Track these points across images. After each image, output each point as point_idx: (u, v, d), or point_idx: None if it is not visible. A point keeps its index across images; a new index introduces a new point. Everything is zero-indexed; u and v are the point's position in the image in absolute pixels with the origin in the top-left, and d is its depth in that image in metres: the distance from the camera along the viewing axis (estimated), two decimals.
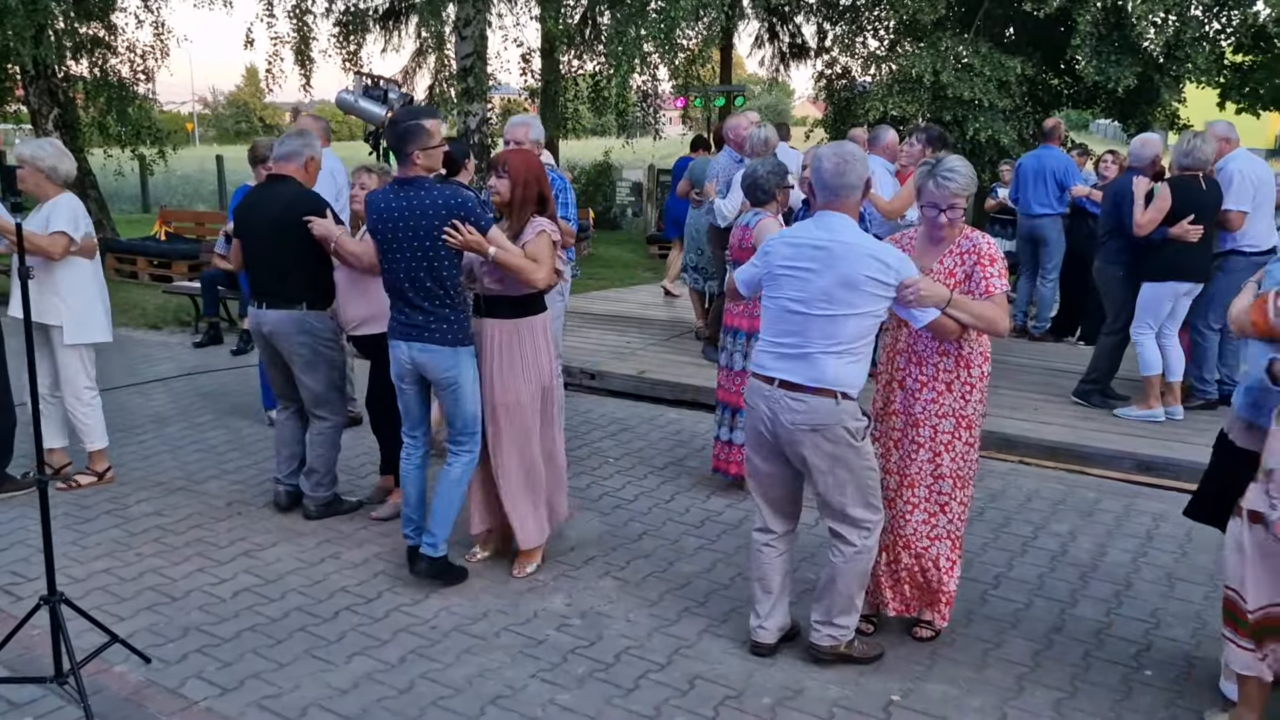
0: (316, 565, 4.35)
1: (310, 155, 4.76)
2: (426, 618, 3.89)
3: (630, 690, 3.41)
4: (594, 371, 7.42)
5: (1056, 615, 3.97)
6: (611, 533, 4.75)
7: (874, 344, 3.36)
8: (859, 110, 14.67)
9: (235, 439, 6.06)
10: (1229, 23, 13.68)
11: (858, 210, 3.39)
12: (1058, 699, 3.37)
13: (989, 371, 3.57)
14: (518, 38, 32.68)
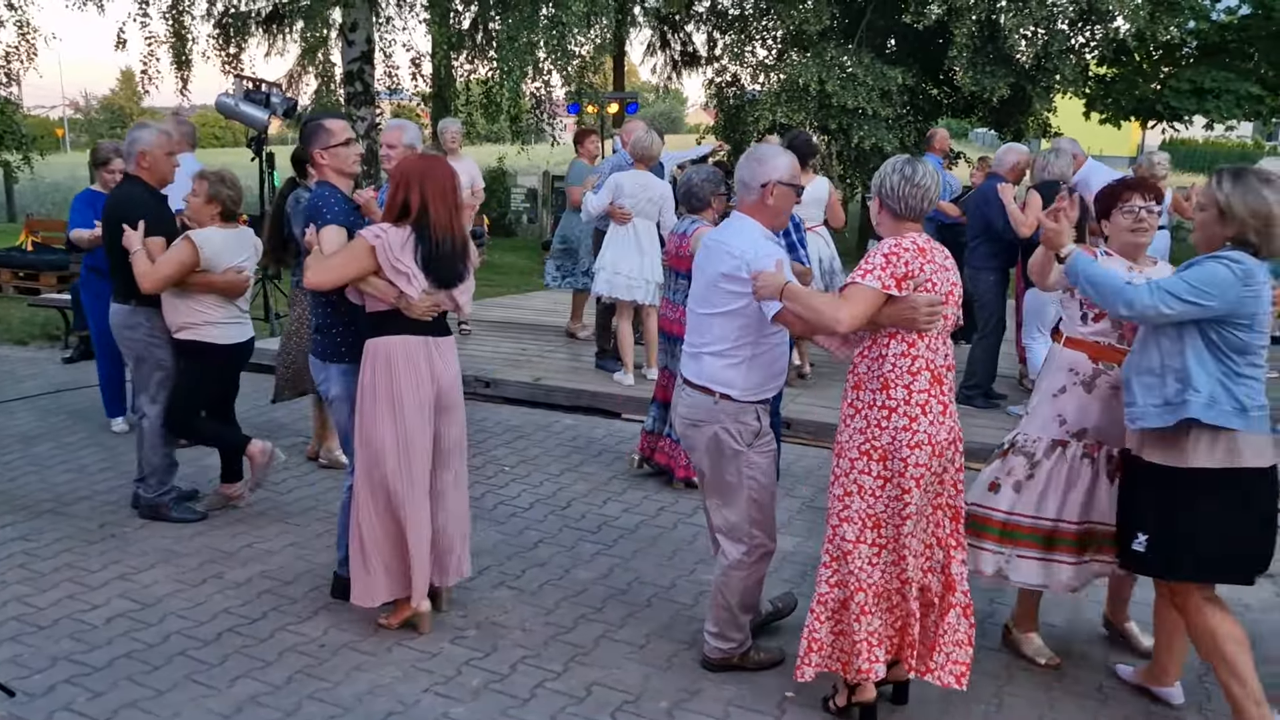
0: (197, 587, 4.17)
1: (141, 150, 4.70)
2: (314, 636, 3.77)
3: (526, 700, 3.37)
4: (489, 379, 7.34)
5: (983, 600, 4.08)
6: (507, 542, 4.70)
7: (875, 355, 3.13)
8: (749, 118, 14.93)
9: (109, 458, 5.78)
10: (1093, 37, 14.41)
11: (762, 209, 3.32)
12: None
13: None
14: (407, 42, 32.18)
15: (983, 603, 4.07)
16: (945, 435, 3.06)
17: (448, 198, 3.61)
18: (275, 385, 5.65)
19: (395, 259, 3.53)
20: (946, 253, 3.16)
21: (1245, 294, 2.91)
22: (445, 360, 3.72)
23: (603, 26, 14.20)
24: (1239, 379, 2.97)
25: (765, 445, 3.40)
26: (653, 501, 5.26)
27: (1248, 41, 15.26)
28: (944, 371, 3.10)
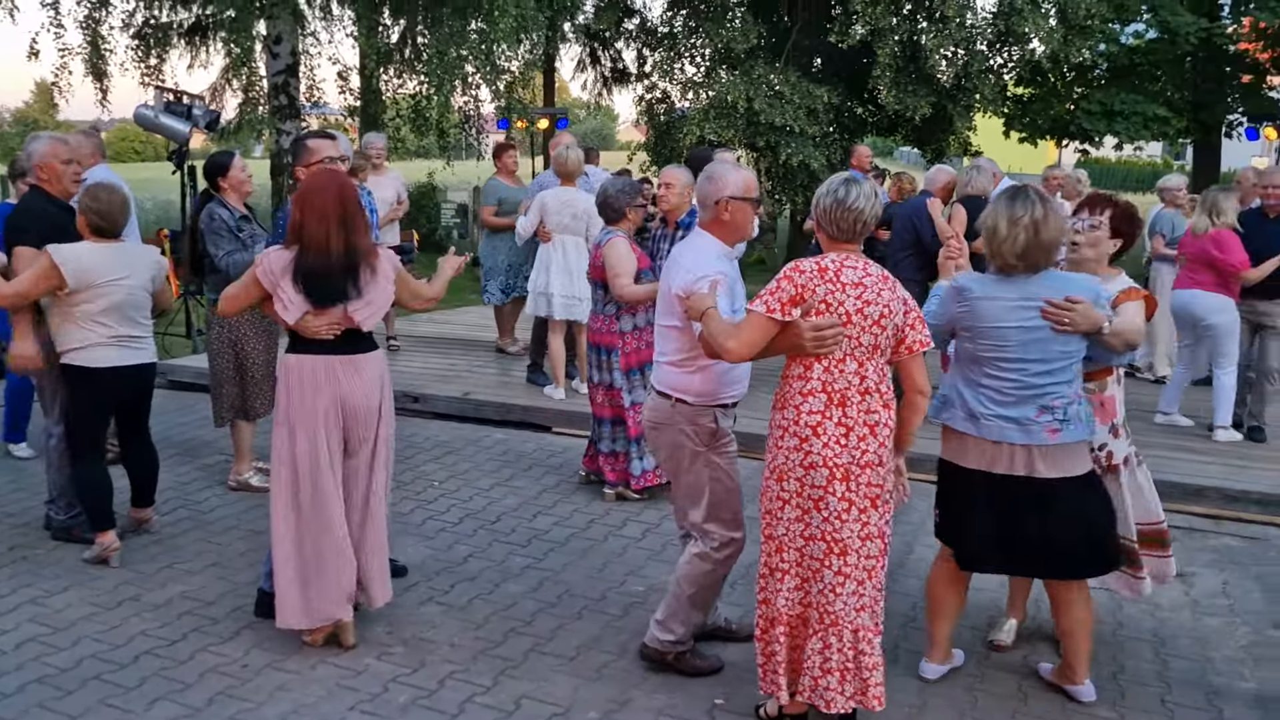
0: (113, 610, 4.05)
1: (36, 161, 4.59)
2: (236, 656, 3.69)
3: (455, 715, 3.34)
4: (417, 395, 7.27)
5: None
6: (435, 557, 4.65)
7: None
8: (679, 134, 15.07)
9: (18, 478, 5.59)
10: (1010, 58, 14.88)
11: (719, 225, 3.40)
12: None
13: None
14: (333, 55, 31.81)
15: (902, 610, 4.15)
16: (849, 459, 3.00)
17: (327, 214, 3.52)
18: (215, 409, 5.46)
19: (275, 283, 3.55)
20: (869, 274, 3.03)
21: (957, 310, 3.24)
22: (355, 378, 3.64)
23: (533, 42, 14.22)
24: (978, 388, 3.25)
25: (724, 446, 3.48)
26: (583, 514, 5.26)
27: (1154, 65, 15.91)
28: (852, 394, 3.00)
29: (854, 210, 3.02)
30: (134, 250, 4.56)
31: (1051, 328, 3.17)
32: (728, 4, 16.07)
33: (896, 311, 3.03)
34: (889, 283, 3.06)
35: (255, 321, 5.20)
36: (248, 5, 12.34)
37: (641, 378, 5.30)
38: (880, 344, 3.03)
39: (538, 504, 5.40)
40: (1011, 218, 3.18)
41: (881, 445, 3.06)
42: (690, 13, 16.21)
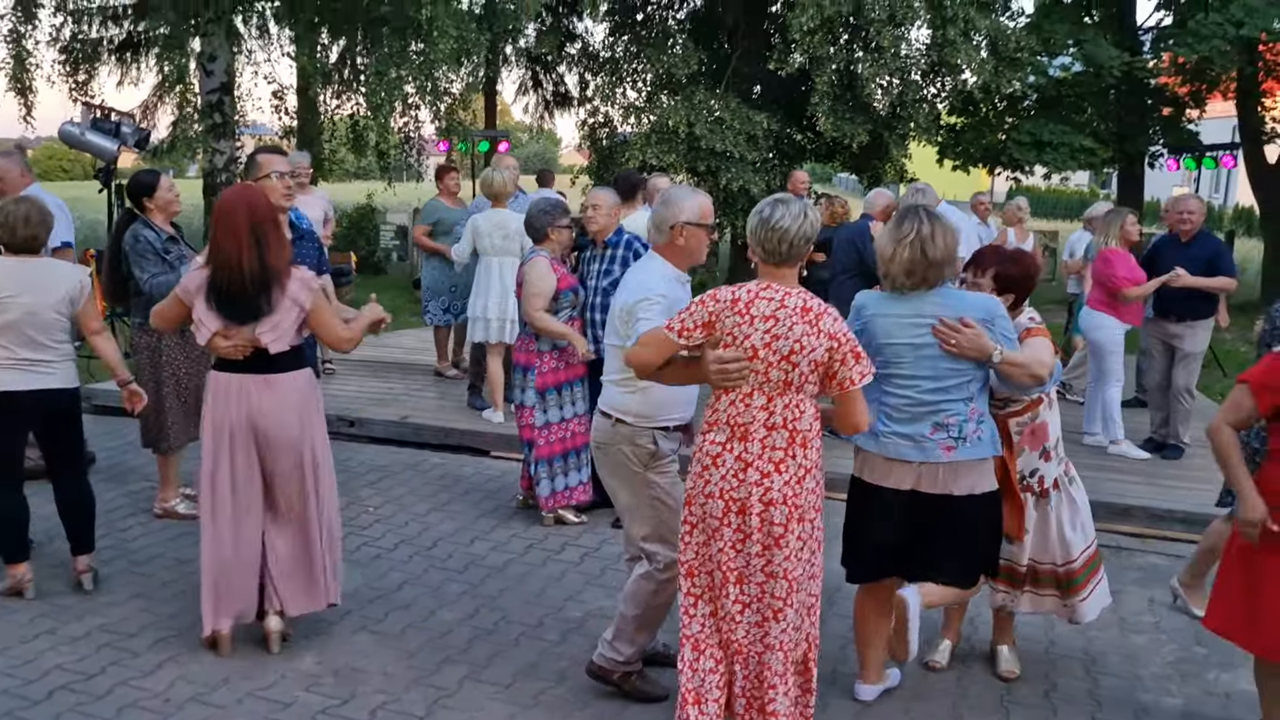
0: (29, 643, 3.89)
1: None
2: (159, 690, 3.57)
3: None
4: (353, 419, 7.14)
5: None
6: (369, 585, 4.56)
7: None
8: (621, 158, 15.13)
9: None
10: (943, 88, 15.23)
11: (672, 249, 3.41)
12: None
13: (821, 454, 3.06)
14: (269, 74, 31.41)
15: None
16: (746, 494, 2.93)
17: (239, 232, 3.51)
18: (143, 433, 5.28)
19: (191, 302, 3.64)
20: (784, 307, 2.90)
21: (855, 327, 3.27)
22: (266, 397, 3.66)
23: (473, 64, 14.20)
24: (879, 405, 3.30)
25: (664, 466, 3.48)
26: (521, 539, 5.20)
27: (1080, 97, 16.39)
28: (756, 429, 2.93)
29: (778, 229, 2.94)
30: (40, 267, 4.19)
31: (940, 346, 3.21)
32: (669, 30, 16.24)
33: (814, 347, 2.87)
34: (808, 316, 2.89)
35: (183, 346, 5.07)
36: (182, 22, 12.14)
37: (557, 398, 5.29)
38: (793, 380, 2.90)
39: (475, 529, 5.33)
40: (897, 236, 3.24)
41: (791, 484, 2.92)
42: (632, 39, 16.33)
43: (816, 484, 3.02)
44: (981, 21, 13.62)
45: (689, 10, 17.33)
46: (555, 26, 17.26)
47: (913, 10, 13.34)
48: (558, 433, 5.30)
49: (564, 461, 5.35)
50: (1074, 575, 3.70)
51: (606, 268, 5.25)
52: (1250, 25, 13.70)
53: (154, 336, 5.02)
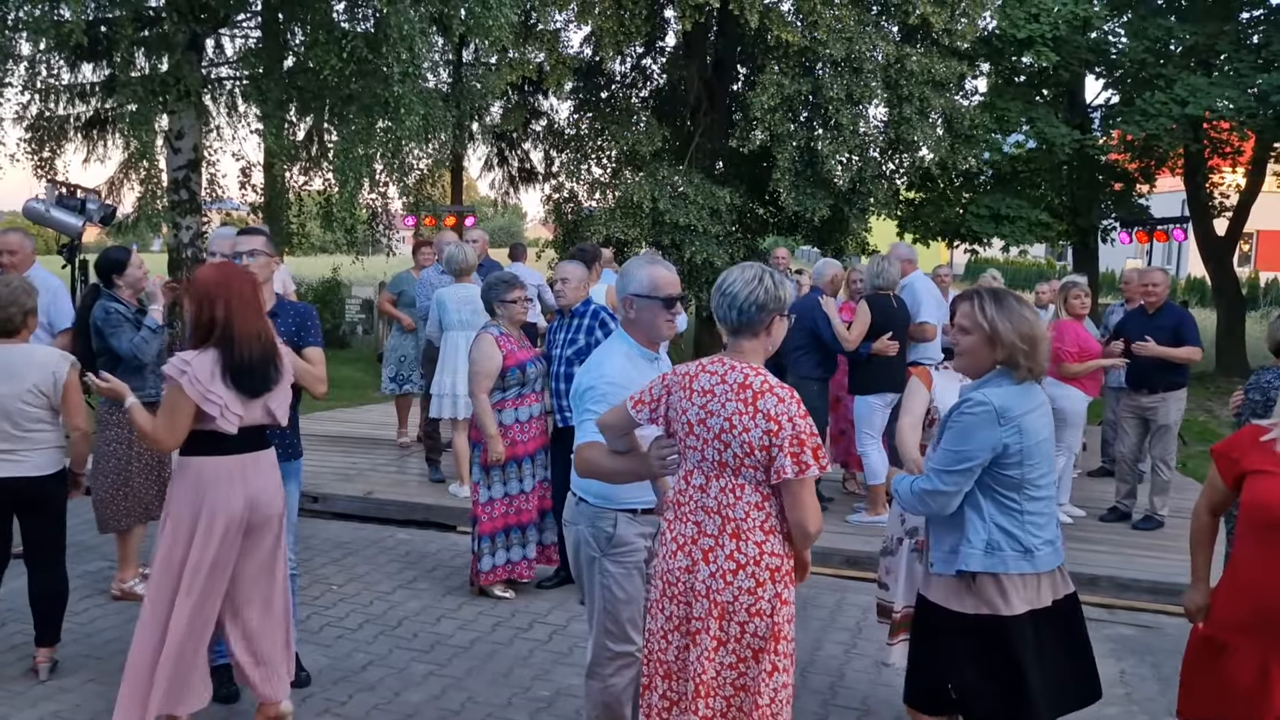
0: None
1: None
2: None
3: None
4: (316, 494, 7.05)
5: None
6: (333, 666, 4.46)
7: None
8: (586, 232, 15.30)
9: None
10: (901, 164, 15.64)
11: (628, 323, 3.32)
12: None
13: (778, 552, 2.72)
14: (237, 151, 31.58)
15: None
16: (675, 579, 2.75)
17: (250, 305, 3.51)
18: (99, 515, 5.17)
19: (205, 391, 3.40)
20: (724, 383, 2.72)
21: (1005, 434, 2.76)
22: (259, 477, 3.56)
23: (440, 141, 14.37)
24: (1023, 516, 2.83)
25: (623, 555, 3.26)
26: (489, 617, 5.12)
27: (1035, 173, 16.89)
28: (689, 511, 2.77)
29: (727, 294, 2.75)
30: (10, 354, 4.06)
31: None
32: (632, 108, 16.58)
33: (748, 428, 2.64)
34: (744, 394, 2.67)
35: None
36: (150, 99, 12.21)
37: (501, 474, 5.29)
38: (728, 462, 2.68)
39: (441, 607, 5.24)
40: (1037, 322, 2.90)
41: (716, 577, 2.68)
42: (596, 115, 16.64)
43: (756, 583, 2.67)
44: (936, 100, 14.06)
45: (652, 88, 17.74)
46: (520, 104, 17.58)
47: (870, 89, 13.74)
48: (500, 508, 5.30)
49: (506, 537, 5.34)
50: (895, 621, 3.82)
51: (571, 337, 5.29)
52: (1195, 104, 14.25)
53: (121, 413, 4.97)
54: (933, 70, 13.81)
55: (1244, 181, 17.47)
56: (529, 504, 5.33)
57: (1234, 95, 14.39)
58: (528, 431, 5.31)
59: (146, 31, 12.76)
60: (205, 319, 3.43)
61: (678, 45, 16.90)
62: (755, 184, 15.63)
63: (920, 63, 13.77)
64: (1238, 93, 14.44)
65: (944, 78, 14.01)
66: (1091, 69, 17.03)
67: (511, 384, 5.25)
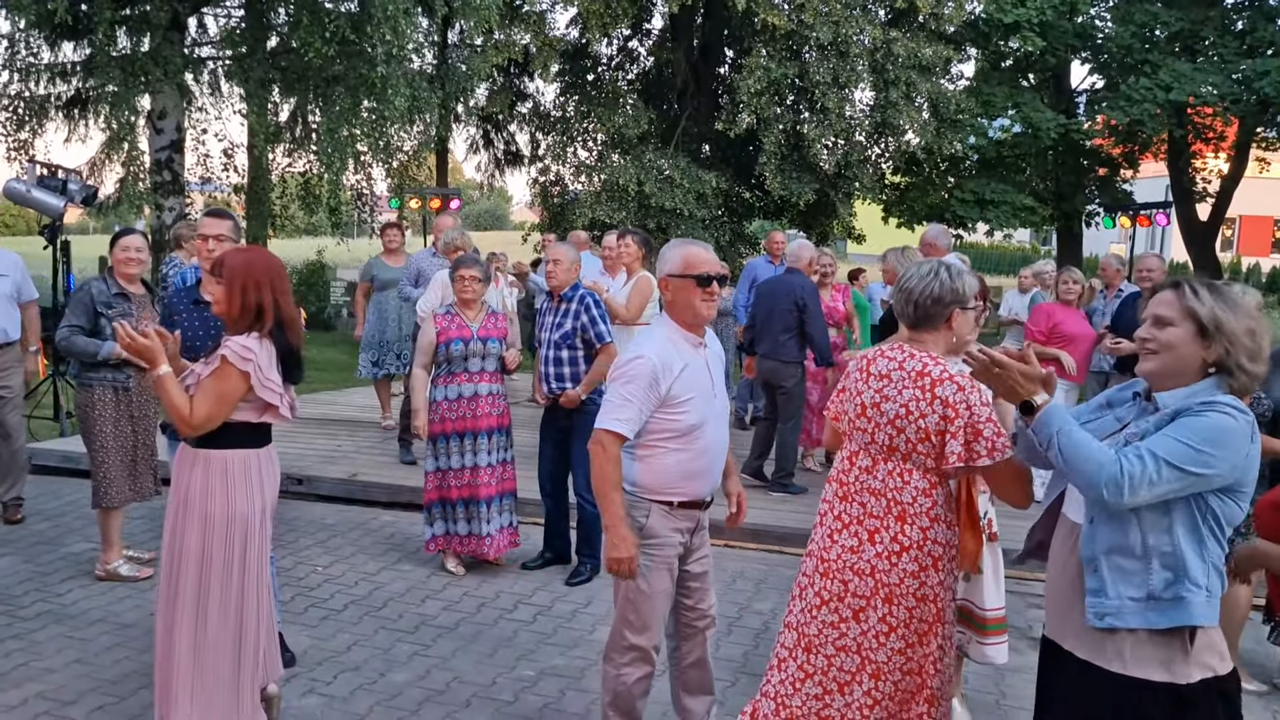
0: None
1: None
2: None
3: None
4: (301, 476, 7.04)
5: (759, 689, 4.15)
6: (317, 647, 4.47)
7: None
8: (572, 215, 15.29)
9: None
10: (887, 148, 15.68)
11: (669, 306, 3.26)
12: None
13: (942, 539, 2.72)
14: (219, 132, 31.27)
15: None
16: (834, 557, 2.82)
17: (288, 289, 3.39)
18: (101, 491, 5.13)
19: (266, 379, 3.23)
20: (901, 369, 2.75)
21: (1253, 453, 2.20)
22: (273, 470, 3.48)
23: (426, 123, 14.31)
24: (1215, 559, 2.24)
25: (652, 547, 3.19)
26: (473, 598, 5.14)
27: (1020, 158, 16.97)
28: (855, 492, 2.85)
29: (904, 291, 2.80)
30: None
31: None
32: (619, 91, 16.55)
33: (925, 414, 2.64)
34: (922, 381, 2.67)
35: (118, 404, 5.11)
36: (131, 80, 12.11)
37: (445, 446, 5.34)
38: (899, 447, 2.71)
39: (426, 588, 5.26)
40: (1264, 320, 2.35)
41: (883, 558, 2.72)
42: (582, 99, 16.61)
43: (920, 568, 2.70)
44: (923, 85, 14.09)
45: (639, 71, 17.71)
46: (506, 86, 17.52)
47: (856, 74, 13.76)
48: (439, 480, 5.37)
49: (443, 509, 5.40)
50: (985, 622, 3.67)
51: (558, 320, 5.31)
52: (1179, 90, 14.33)
53: (92, 393, 5.09)
54: (919, 55, 13.84)
55: (1227, 167, 17.58)
56: (481, 479, 5.35)
57: (1218, 81, 14.48)
58: (456, 410, 5.34)
59: (128, 10, 12.63)
60: (252, 304, 3.25)
61: (664, 28, 16.87)
62: (741, 168, 15.64)
63: (906, 47, 13.79)
64: (1222, 78, 14.53)
65: (930, 62, 14.04)
66: (1077, 54, 17.10)
67: (440, 360, 5.33)
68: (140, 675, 4.01)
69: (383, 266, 8.50)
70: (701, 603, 3.43)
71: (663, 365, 3.09)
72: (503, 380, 5.57)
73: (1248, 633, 4.74)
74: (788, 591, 5.34)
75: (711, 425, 3.22)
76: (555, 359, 5.34)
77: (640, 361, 3.11)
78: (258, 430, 3.36)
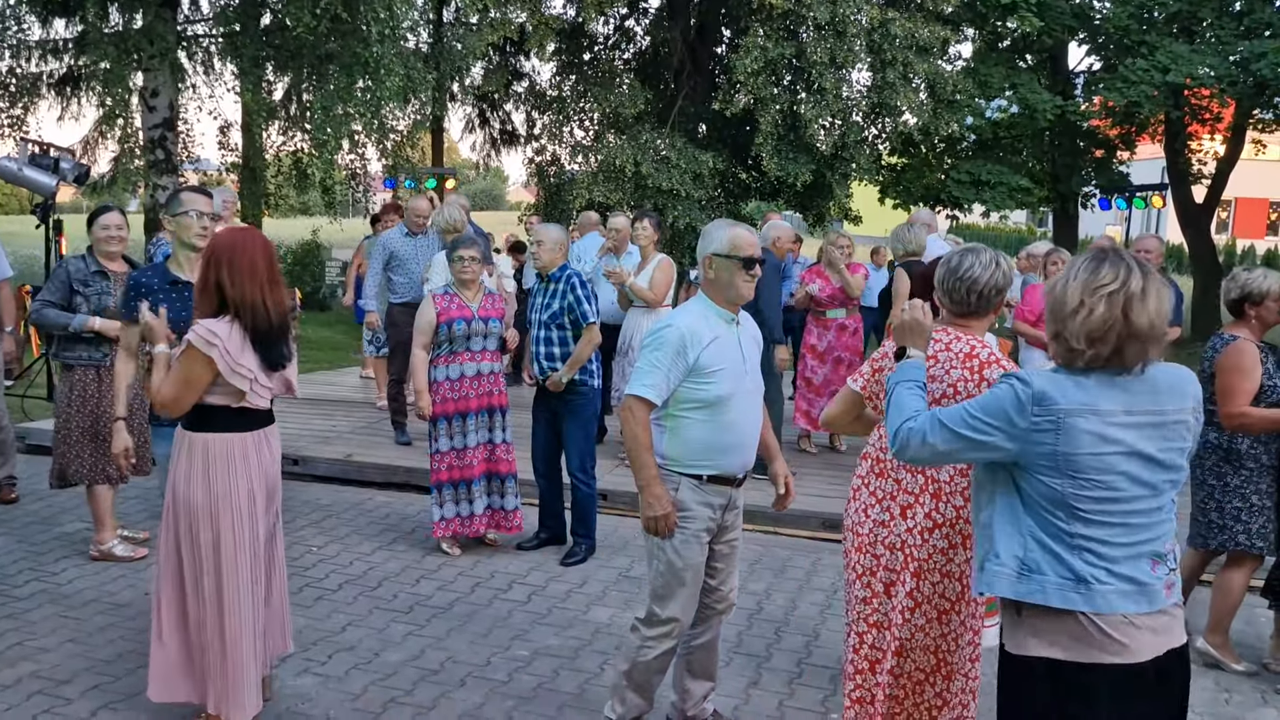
0: None
1: None
2: None
3: None
4: (297, 457, 7.04)
5: (754, 670, 4.18)
6: (312, 627, 4.48)
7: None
8: (569, 196, 15.24)
9: None
10: (884, 129, 15.62)
11: (707, 284, 3.28)
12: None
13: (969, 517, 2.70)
14: (214, 110, 31.08)
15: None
16: (867, 531, 2.99)
17: (258, 272, 3.25)
18: (57, 467, 5.19)
19: (235, 364, 3.21)
20: (952, 348, 2.84)
21: (1031, 432, 2.11)
22: (270, 452, 3.46)
23: (420, 102, 14.23)
24: (1072, 542, 2.11)
25: (683, 520, 3.19)
26: (468, 578, 5.15)
27: (1017, 139, 16.92)
28: (893, 469, 2.95)
29: (967, 279, 2.82)
30: None
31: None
32: (615, 70, 16.47)
33: (972, 394, 2.70)
34: (970, 362, 2.77)
35: (101, 382, 5.10)
36: (123, 57, 12.02)
37: (448, 427, 5.33)
38: None
39: (421, 568, 5.28)
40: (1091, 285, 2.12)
41: (914, 533, 2.84)
42: (579, 78, 16.52)
43: (950, 545, 2.80)
44: (920, 65, 14.02)
45: (635, 51, 17.61)
46: (502, 65, 17.42)
47: (853, 54, 13.69)
48: (444, 461, 5.35)
49: (454, 490, 5.38)
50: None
51: (546, 301, 5.32)
52: (1176, 71, 14.28)
53: (72, 374, 5.10)
54: (916, 35, 13.77)
55: (1223, 149, 17.56)
56: (473, 459, 5.36)
57: (1215, 63, 14.43)
58: (459, 390, 5.33)
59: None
60: (212, 284, 3.23)
61: (661, 7, 16.77)
62: (738, 148, 15.59)
63: (904, 27, 13.72)
64: (1219, 60, 14.47)
65: (927, 43, 13.98)
66: (1075, 35, 17.02)
67: (441, 340, 5.30)
68: (136, 655, 4.02)
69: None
70: (724, 584, 3.43)
71: (691, 335, 3.13)
72: (501, 359, 5.58)
73: (1238, 614, 4.77)
74: (781, 573, 5.37)
75: (740, 400, 3.22)
76: (545, 339, 5.35)
77: (669, 330, 3.16)
78: (242, 414, 3.33)
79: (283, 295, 3.37)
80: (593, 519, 5.49)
